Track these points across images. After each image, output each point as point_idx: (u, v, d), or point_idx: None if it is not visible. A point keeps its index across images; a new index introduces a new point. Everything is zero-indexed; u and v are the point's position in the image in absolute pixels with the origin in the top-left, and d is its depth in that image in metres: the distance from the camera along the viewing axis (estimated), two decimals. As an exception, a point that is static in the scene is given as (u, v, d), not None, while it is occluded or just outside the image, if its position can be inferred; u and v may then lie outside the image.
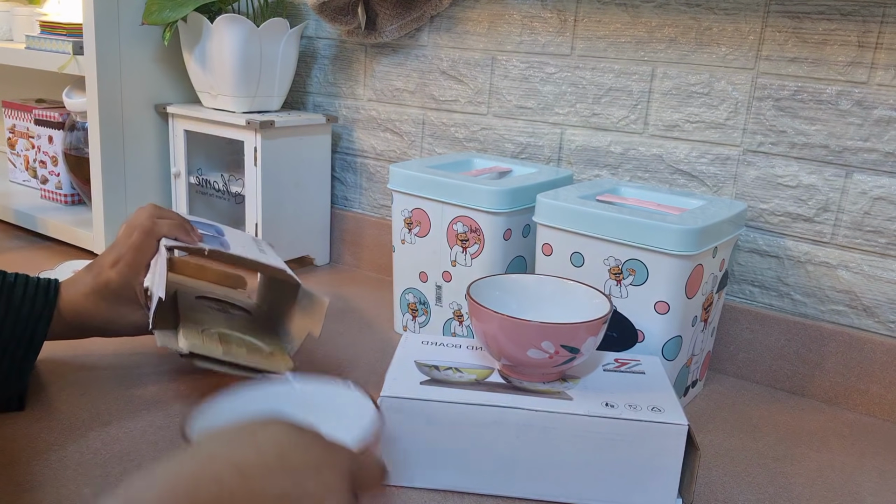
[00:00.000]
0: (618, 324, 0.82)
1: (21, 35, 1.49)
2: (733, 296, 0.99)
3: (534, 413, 0.65)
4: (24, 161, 1.56)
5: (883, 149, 0.86)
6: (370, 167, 1.31)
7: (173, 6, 1.12)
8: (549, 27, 1.07)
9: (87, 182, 1.30)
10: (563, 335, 0.66)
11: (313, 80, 1.35)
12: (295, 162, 1.24)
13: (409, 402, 0.66)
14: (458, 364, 0.73)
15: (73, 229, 1.29)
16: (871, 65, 0.85)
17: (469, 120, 1.18)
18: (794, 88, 0.90)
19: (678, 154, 1.00)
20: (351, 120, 1.32)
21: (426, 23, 1.19)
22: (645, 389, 0.70)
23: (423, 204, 0.96)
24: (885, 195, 0.87)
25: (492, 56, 1.13)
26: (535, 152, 1.12)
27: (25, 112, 1.50)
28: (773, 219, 0.94)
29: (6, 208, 1.41)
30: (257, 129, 1.16)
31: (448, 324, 0.98)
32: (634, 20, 1.00)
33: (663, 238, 0.76)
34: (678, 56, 0.98)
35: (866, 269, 0.90)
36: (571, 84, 1.07)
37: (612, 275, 0.81)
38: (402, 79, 1.24)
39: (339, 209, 1.36)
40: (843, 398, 0.91)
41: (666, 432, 0.64)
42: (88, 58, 1.17)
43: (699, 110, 0.97)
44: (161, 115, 1.27)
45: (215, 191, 1.29)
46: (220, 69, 1.18)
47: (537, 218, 0.85)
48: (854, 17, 0.85)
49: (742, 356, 0.98)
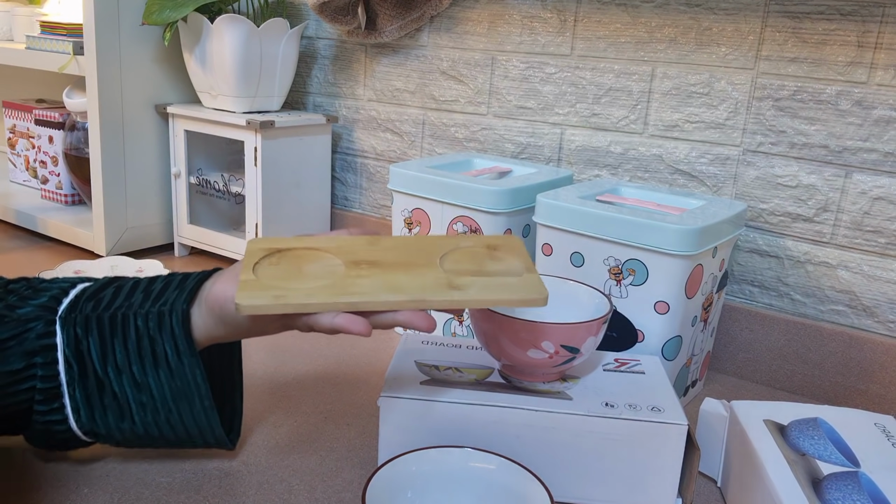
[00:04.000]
0: (618, 324, 0.82)
1: (21, 35, 1.49)
2: (733, 296, 0.99)
3: (534, 413, 0.65)
4: (25, 161, 1.56)
5: (882, 149, 0.86)
6: (370, 167, 1.31)
7: (173, 6, 1.12)
8: (549, 27, 1.07)
9: (87, 182, 1.30)
10: (563, 335, 0.66)
11: (313, 80, 1.35)
12: (295, 162, 1.24)
13: (409, 402, 0.66)
14: (458, 364, 0.73)
15: (74, 229, 1.29)
16: (871, 65, 0.85)
17: (469, 120, 1.18)
18: (794, 88, 0.90)
19: (678, 154, 1.00)
20: (351, 120, 1.32)
21: (426, 23, 1.19)
22: (645, 389, 0.70)
23: (424, 204, 0.96)
24: (884, 195, 0.87)
25: (492, 56, 1.13)
26: (535, 152, 1.12)
27: (26, 112, 1.50)
28: (772, 219, 0.94)
29: (6, 208, 1.41)
30: (257, 129, 1.16)
31: (448, 324, 0.98)
32: (634, 20, 1.00)
33: (663, 238, 0.76)
34: (678, 56, 0.98)
35: (866, 269, 0.90)
36: (571, 84, 1.07)
37: (612, 275, 0.81)
38: (402, 79, 1.24)
39: (339, 209, 1.36)
40: (843, 398, 0.91)
41: (666, 432, 0.64)
42: (88, 58, 1.17)
43: (699, 110, 0.97)
44: (161, 115, 1.27)
45: (215, 191, 1.29)
46: (221, 69, 1.18)
47: (537, 218, 0.85)
48: (854, 17, 0.85)
49: (742, 356, 0.98)
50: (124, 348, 0.61)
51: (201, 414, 0.63)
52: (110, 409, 0.62)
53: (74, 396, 0.62)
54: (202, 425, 0.64)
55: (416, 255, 0.63)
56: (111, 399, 0.62)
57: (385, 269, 0.61)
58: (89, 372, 0.61)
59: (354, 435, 0.77)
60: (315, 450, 0.74)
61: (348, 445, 0.75)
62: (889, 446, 0.65)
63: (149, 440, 0.65)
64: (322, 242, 0.64)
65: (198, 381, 0.62)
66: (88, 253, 1.28)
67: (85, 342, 0.61)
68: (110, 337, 0.61)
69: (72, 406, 0.62)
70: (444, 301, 0.58)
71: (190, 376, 0.62)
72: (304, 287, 0.58)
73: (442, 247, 0.65)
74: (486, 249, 0.65)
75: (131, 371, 0.62)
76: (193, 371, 0.62)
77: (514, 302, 0.59)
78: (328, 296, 0.57)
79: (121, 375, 0.62)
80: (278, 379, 0.88)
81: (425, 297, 0.58)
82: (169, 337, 0.61)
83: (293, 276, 0.59)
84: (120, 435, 0.64)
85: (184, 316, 0.61)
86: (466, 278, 0.60)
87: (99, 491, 0.65)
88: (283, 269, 0.61)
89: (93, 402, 0.62)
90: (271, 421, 0.78)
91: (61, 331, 0.62)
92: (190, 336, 0.62)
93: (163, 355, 0.61)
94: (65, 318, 0.62)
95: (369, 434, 0.77)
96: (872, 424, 0.68)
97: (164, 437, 0.65)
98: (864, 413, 0.71)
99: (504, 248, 0.66)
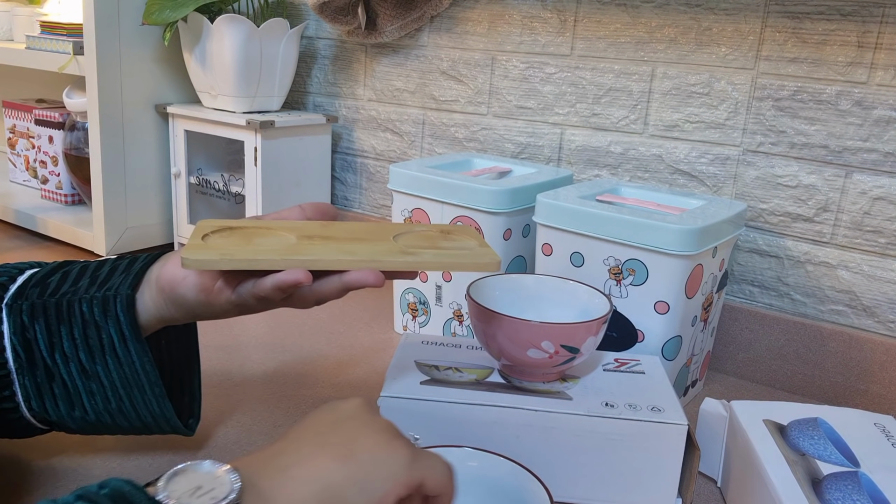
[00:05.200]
0: (618, 324, 0.82)
1: (21, 35, 1.49)
2: (733, 296, 0.99)
3: (534, 413, 0.65)
4: (25, 161, 1.56)
5: (882, 149, 0.86)
6: (370, 167, 1.31)
7: (173, 6, 1.12)
8: (549, 27, 1.07)
9: (87, 182, 1.30)
10: (563, 335, 0.66)
11: (313, 80, 1.35)
12: (295, 162, 1.24)
13: (409, 402, 0.66)
14: (458, 364, 0.73)
15: (73, 229, 1.29)
16: (871, 65, 0.85)
17: (469, 120, 1.18)
18: (794, 88, 0.90)
19: (678, 154, 1.00)
20: (351, 120, 1.32)
21: (426, 23, 1.19)
22: (645, 389, 0.70)
23: (424, 204, 0.96)
24: (884, 195, 0.87)
25: (492, 56, 1.13)
26: (535, 152, 1.12)
27: (26, 112, 1.50)
28: (772, 219, 0.94)
29: (6, 208, 1.41)
30: (257, 129, 1.16)
31: (448, 324, 0.98)
32: (634, 20, 1.00)
33: (663, 238, 0.76)
34: (678, 56, 0.98)
35: (866, 269, 0.90)
36: (571, 84, 1.07)
37: (612, 275, 0.81)
38: (402, 79, 1.24)
39: (339, 209, 1.36)
40: (843, 398, 0.91)
41: (666, 432, 0.64)
42: (88, 58, 1.17)
43: (699, 110, 0.97)
44: (161, 115, 1.27)
45: (215, 191, 1.29)
46: (221, 69, 1.18)
47: (537, 218, 0.85)
48: (854, 18, 0.85)
49: (742, 356, 0.98)
50: (70, 335, 0.60)
51: (153, 401, 0.62)
52: (61, 398, 0.61)
53: (24, 385, 0.60)
54: (155, 413, 0.63)
55: (370, 233, 0.64)
56: (61, 387, 0.61)
57: (339, 242, 0.61)
58: (38, 360, 0.60)
59: (354, 435, 0.77)
60: (315, 450, 0.73)
61: (348, 445, 0.75)
62: (889, 446, 0.65)
63: (103, 428, 0.64)
64: (275, 224, 0.64)
65: (146, 369, 0.61)
66: (88, 253, 1.28)
67: (32, 330, 0.60)
68: (56, 324, 0.60)
69: (23, 394, 0.60)
70: (397, 262, 0.58)
71: (138, 363, 0.60)
72: (255, 249, 0.58)
73: (395, 229, 0.66)
74: (440, 233, 0.66)
75: (79, 359, 0.60)
76: (141, 358, 0.60)
77: (467, 266, 0.60)
78: (279, 254, 0.56)
79: (69, 363, 0.60)
80: (278, 379, 0.88)
81: (379, 258, 0.58)
82: (114, 323, 0.60)
83: (243, 244, 0.59)
84: (73, 423, 0.63)
85: (129, 301, 0.60)
86: (419, 249, 0.61)
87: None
88: (234, 240, 0.60)
89: (43, 390, 0.61)
90: (271, 421, 0.78)
91: (8, 318, 0.60)
92: (136, 322, 0.60)
93: (109, 342, 0.60)
94: (11, 305, 0.60)
95: (369, 434, 0.77)
96: (872, 424, 0.68)
97: (117, 425, 0.63)
98: (864, 413, 0.71)
99: (457, 232, 0.67)
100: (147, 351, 0.61)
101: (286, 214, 0.66)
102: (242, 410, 0.80)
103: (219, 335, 0.98)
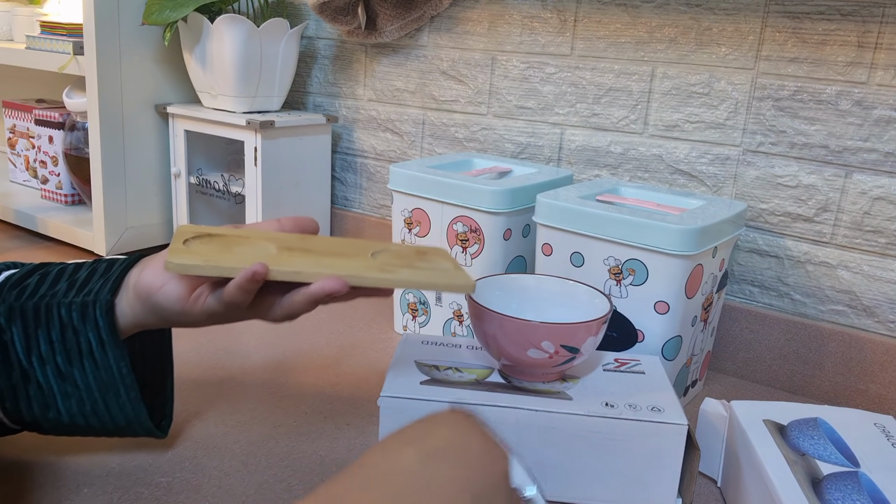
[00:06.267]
0: (618, 324, 0.82)
1: (21, 35, 1.49)
2: (733, 296, 0.99)
3: (534, 413, 0.65)
4: (25, 161, 1.56)
5: (882, 149, 0.86)
6: (370, 167, 1.31)
7: (173, 6, 1.12)
8: (549, 27, 1.07)
9: (87, 182, 1.30)
10: (563, 335, 0.66)
11: (313, 80, 1.35)
12: (295, 162, 1.24)
13: (409, 402, 0.66)
14: (458, 364, 0.73)
15: (73, 229, 1.29)
16: (871, 65, 0.85)
17: (469, 120, 1.18)
18: (794, 88, 0.90)
19: (678, 154, 1.00)
20: (351, 120, 1.32)
21: (426, 23, 1.19)
22: (645, 389, 0.70)
23: (424, 204, 0.96)
24: (884, 195, 0.87)
25: (492, 56, 1.13)
26: (535, 152, 1.12)
27: (26, 112, 1.50)
28: (772, 219, 0.94)
29: (6, 208, 1.41)
30: (257, 129, 1.16)
31: (448, 324, 0.99)
32: (634, 20, 1.00)
33: (663, 238, 0.76)
34: (678, 56, 0.98)
35: (866, 269, 0.90)
36: (571, 84, 1.07)
37: (612, 275, 0.81)
38: (402, 79, 1.24)
39: (339, 209, 1.36)
40: (842, 398, 0.91)
41: (666, 432, 0.64)
42: (88, 58, 1.17)
43: (699, 110, 0.97)
44: (161, 115, 1.27)
45: (215, 191, 1.29)
46: (221, 69, 1.18)
47: (537, 218, 0.85)
48: (854, 18, 0.85)
49: (742, 356, 0.98)
50: (48, 339, 0.61)
51: (127, 405, 0.63)
52: (35, 400, 0.61)
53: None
54: (129, 416, 0.64)
55: (347, 248, 0.65)
56: (36, 389, 0.61)
57: (318, 255, 0.62)
58: (13, 362, 0.60)
59: (354, 435, 0.77)
60: (315, 450, 0.74)
61: (348, 445, 0.75)
62: (889, 446, 0.65)
63: (76, 430, 0.64)
64: (254, 233, 0.65)
65: (123, 373, 0.61)
66: (88, 253, 1.28)
67: (8, 332, 0.60)
68: (34, 327, 0.60)
69: None
70: (377, 279, 0.59)
71: (115, 368, 0.61)
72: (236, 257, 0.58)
73: (372, 247, 0.67)
74: (416, 253, 0.68)
75: (55, 362, 0.61)
76: (118, 363, 0.61)
77: (444, 286, 0.61)
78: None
79: (45, 366, 0.61)
80: (278, 379, 0.88)
81: (358, 273, 0.59)
82: (93, 328, 0.60)
83: (224, 252, 0.59)
84: (46, 424, 0.63)
85: (108, 306, 0.60)
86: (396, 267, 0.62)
87: (99, 491, 0.65)
88: (214, 247, 0.61)
89: (18, 392, 0.61)
90: (271, 421, 0.78)
91: None
92: (114, 327, 0.61)
93: (87, 346, 0.61)
94: None
95: (369, 434, 0.77)
96: (872, 424, 0.68)
97: (91, 427, 0.64)
98: (864, 413, 0.71)
99: (432, 253, 0.68)
100: (125, 355, 0.61)
101: (264, 227, 0.67)
102: (243, 410, 0.80)
103: (219, 335, 0.98)
